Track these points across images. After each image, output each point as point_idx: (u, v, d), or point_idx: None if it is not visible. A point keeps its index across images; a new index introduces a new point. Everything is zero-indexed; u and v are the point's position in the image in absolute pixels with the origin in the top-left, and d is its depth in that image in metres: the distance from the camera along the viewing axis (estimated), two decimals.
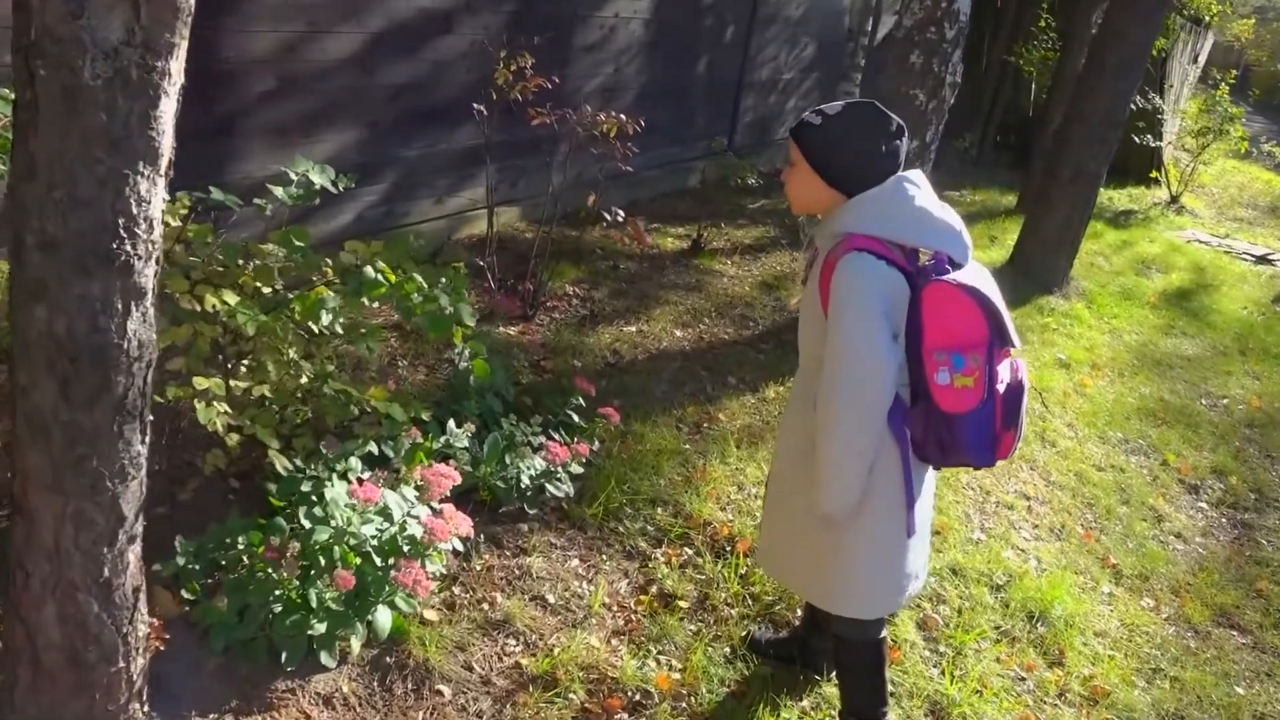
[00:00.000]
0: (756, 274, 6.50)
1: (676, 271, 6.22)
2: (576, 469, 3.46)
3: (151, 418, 2.07)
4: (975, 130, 12.58)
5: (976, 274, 2.21)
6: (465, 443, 3.32)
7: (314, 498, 2.84)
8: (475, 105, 4.90)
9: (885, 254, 2.16)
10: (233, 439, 2.69)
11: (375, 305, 3.03)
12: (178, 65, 1.82)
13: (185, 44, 1.83)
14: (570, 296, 5.16)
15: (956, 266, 2.19)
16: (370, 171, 5.30)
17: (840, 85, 9.15)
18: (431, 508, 2.79)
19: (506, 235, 6.08)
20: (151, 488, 3.26)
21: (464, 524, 2.81)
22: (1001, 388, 2.18)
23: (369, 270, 2.66)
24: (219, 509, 3.17)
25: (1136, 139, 11.66)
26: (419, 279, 2.70)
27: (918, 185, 2.26)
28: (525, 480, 3.38)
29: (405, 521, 2.75)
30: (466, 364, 3.44)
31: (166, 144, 1.85)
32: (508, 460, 3.43)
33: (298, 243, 2.97)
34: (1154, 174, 12.80)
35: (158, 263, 1.94)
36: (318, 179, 3.27)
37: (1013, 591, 3.57)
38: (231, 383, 2.72)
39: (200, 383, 2.60)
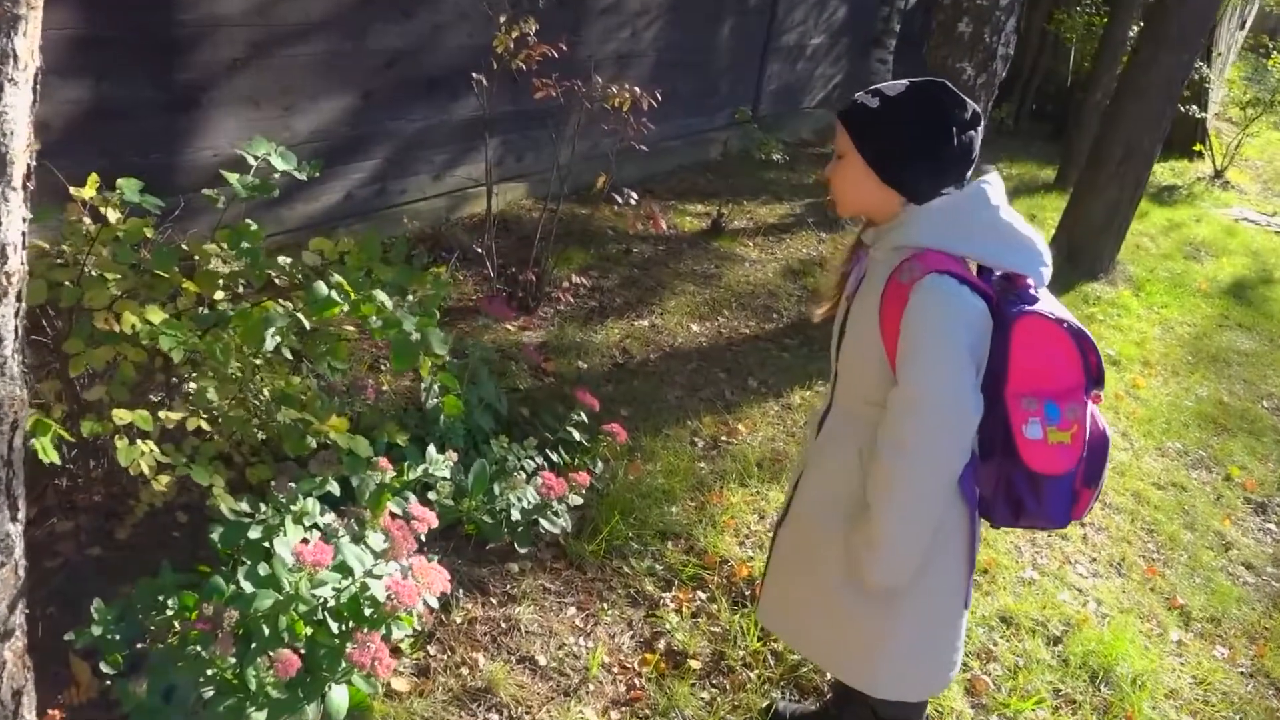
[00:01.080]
0: (780, 258, 6.01)
1: (694, 255, 5.74)
2: (576, 499, 3.02)
3: (63, 463, 1.63)
4: (1012, 99, 11.97)
5: (1050, 297, 1.82)
6: (447, 472, 2.88)
7: (264, 545, 2.42)
8: (474, 75, 4.42)
9: (967, 277, 1.74)
10: (162, 481, 2.26)
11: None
12: (28, 44, 1.36)
13: (38, 14, 1.38)
14: (577, 286, 4.71)
15: (1037, 290, 1.80)
16: (361, 146, 4.84)
17: (874, 53, 8.58)
18: (401, 566, 2.36)
19: (511, 215, 5.62)
20: (85, 525, 2.87)
21: (439, 580, 2.38)
22: (1089, 437, 1.76)
23: (319, 286, 2.21)
24: (160, 549, 2.76)
25: (1182, 108, 11.03)
26: (380, 298, 2.25)
27: (1000, 193, 1.82)
28: (516, 514, 2.95)
29: (366, 581, 2.32)
30: (436, 400, 2.97)
31: (19, 147, 1.40)
32: (496, 490, 3.00)
33: (246, 244, 2.53)
34: (1198, 147, 12.16)
35: (20, 299, 1.50)
36: (280, 165, 2.83)
37: (1071, 644, 3.13)
38: (164, 414, 2.29)
39: (121, 416, 2.18)
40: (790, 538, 2.14)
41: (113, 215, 2.69)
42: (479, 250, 4.48)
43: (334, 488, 2.51)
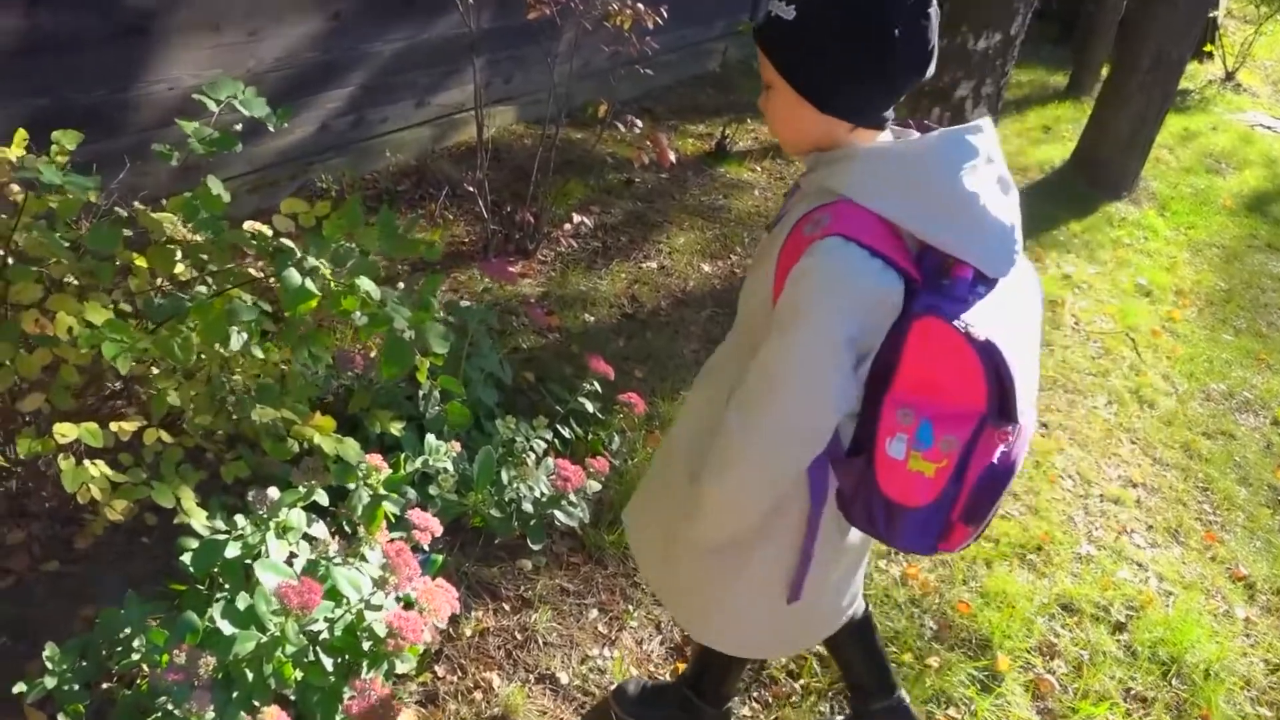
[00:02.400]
0: (790, 183, 5.59)
1: (700, 184, 5.33)
2: (595, 486, 2.69)
3: None
4: None
5: (1012, 289, 1.45)
6: (449, 463, 2.55)
7: (244, 563, 2.10)
8: None
9: (883, 248, 1.38)
10: (117, 507, 1.92)
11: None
12: None
13: None
14: (579, 225, 4.30)
15: (986, 282, 1.43)
16: (334, 71, 4.36)
17: None
18: (401, 596, 2.04)
19: (501, 142, 5.17)
20: (40, 534, 2.53)
21: (446, 603, 2.06)
22: (978, 472, 1.42)
23: (292, 274, 1.83)
24: (126, 560, 2.43)
25: None
26: (366, 286, 1.86)
27: (976, 151, 1.42)
28: (528, 506, 2.63)
29: (362, 611, 2.00)
30: (438, 408, 2.58)
31: None
32: (505, 478, 2.66)
33: (206, 212, 2.13)
34: (1208, 47, 11.62)
35: None
36: (250, 111, 2.41)
37: (1138, 631, 2.87)
38: (116, 425, 1.93)
39: (64, 432, 1.82)
40: (660, 455, 1.94)
41: (49, 176, 2.29)
42: (470, 189, 4.06)
43: (322, 497, 2.16)
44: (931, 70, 1.43)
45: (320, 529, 2.23)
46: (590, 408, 3.04)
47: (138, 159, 3.47)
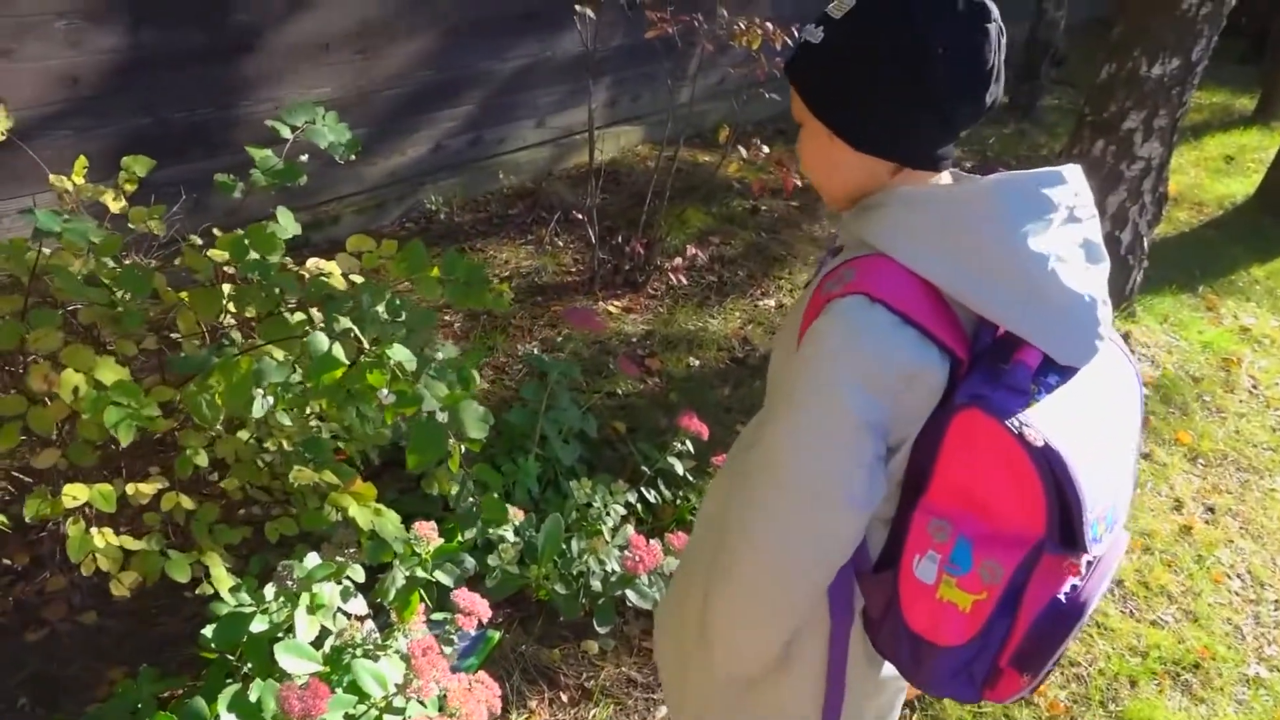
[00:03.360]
0: None
1: (831, 215, 4.96)
2: (674, 564, 2.41)
3: None
4: None
5: (1096, 380, 1.15)
6: (512, 533, 2.31)
7: (270, 640, 1.91)
8: (576, 6, 3.73)
9: (919, 316, 1.10)
10: (125, 580, 1.75)
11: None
12: None
13: None
14: (693, 258, 4.03)
15: (1058, 371, 1.12)
16: (449, 90, 4.23)
17: None
18: (437, 700, 1.81)
19: (623, 164, 4.95)
20: (83, 582, 2.40)
21: (483, 706, 1.82)
22: (1037, 609, 1.10)
23: (319, 340, 1.61)
24: (166, 614, 2.29)
25: None
26: (399, 354, 1.63)
27: (1048, 205, 1.11)
28: (596, 584, 2.37)
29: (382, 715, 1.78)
30: (472, 502, 2.30)
31: None
32: (574, 549, 2.41)
33: (256, 255, 1.96)
34: None
35: None
36: (325, 140, 2.24)
37: None
38: (134, 487, 1.77)
39: (75, 494, 1.66)
40: (687, 548, 1.58)
41: (115, 206, 2.17)
42: (581, 217, 3.84)
43: (358, 573, 1.96)
44: (995, 96, 1.15)
45: (358, 604, 2.03)
46: (680, 469, 2.75)
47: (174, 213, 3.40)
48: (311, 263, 2.35)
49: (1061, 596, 1.09)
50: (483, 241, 4.04)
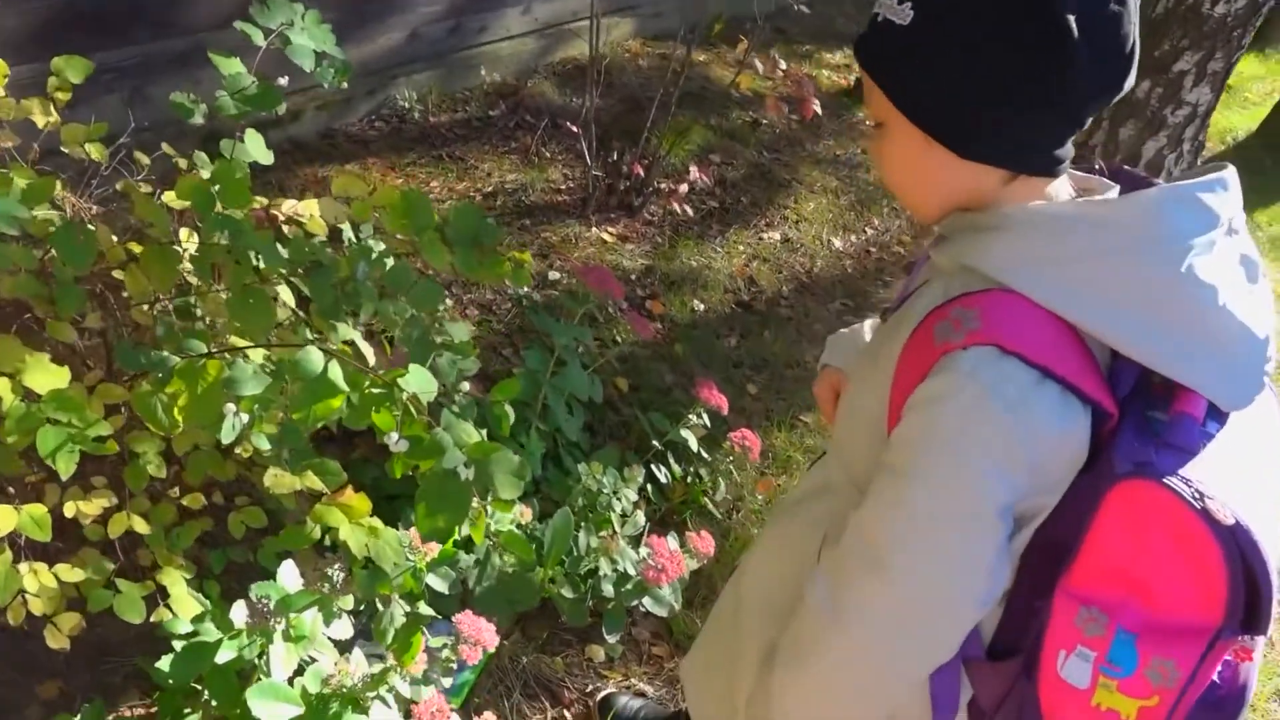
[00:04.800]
0: None
1: (835, 130, 4.59)
2: (693, 565, 2.14)
3: None
4: None
5: (1247, 416, 0.95)
6: (516, 516, 2.02)
7: (236, 672, 1.62)
8: None
9: (1060, 365, 0.91)
10: (64, 624, 1.42)
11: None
12: None
13: None
14: (694, 181, 3.65)
15: (1216, 416, 0.93)
16: None
17: None
18: None
19: (614, 63, 4.49)
20: None
21: None
22: (1190, 703, 0.91)
23: (312, 356, 1.24)
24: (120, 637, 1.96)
25: None
26: (414, 383, 1.26)
27: (1214, 220, 0.92)
28: (608, 588, 2.09)
29: None
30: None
31: None
32: (582, 544, 2.13)
33: (224, 209, 1.57)
34: None
35: None
36: (307, 59, 1.83)
37: None
38: (75, 505, 1.43)
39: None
40: (727, 605, 1.41)
41: (42, 121, 1.76)
42: (575, 128, 3.42)
43: (347, 602, 1.65)
44: (1131, 82, 0.95)
45: (344, 626, 1.73)
46: (694, 444, 2.46)
47: (190, 77, 2.92)
48: (287, 205, 1.96)
49: (1218, 679, 0.93)
50: (462, 148, 3.61)
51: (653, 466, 2.45)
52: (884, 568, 0.96)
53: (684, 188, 3.44)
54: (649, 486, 2.42)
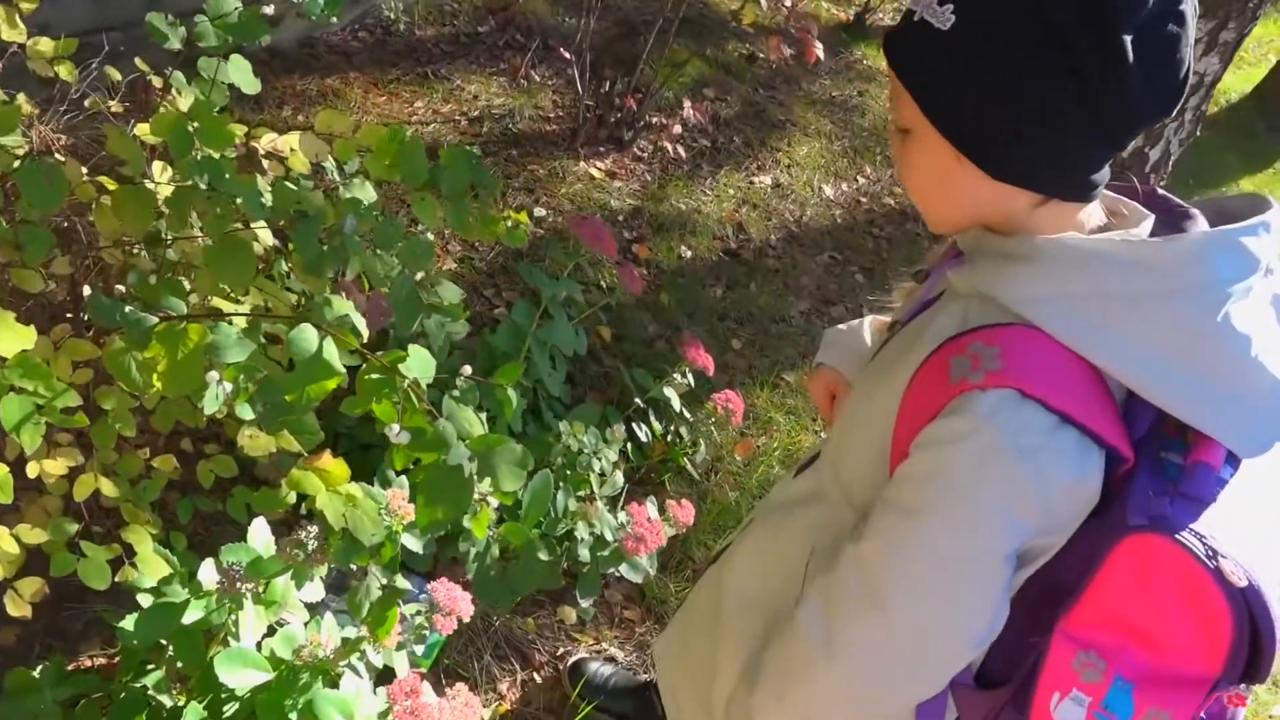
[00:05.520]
0: None
1: (832, 69, 4.45)
2: (671, 533, 2.11)
3: None
4: None
5: (1261, 472, 0.92)
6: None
7: (202, 632, 1.58)
8: None
9: (1079, 410, 0.87)
10: (25, 590, 1.36)
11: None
12: None
13: None
14: (686, 118, 3.53)
15: (1232, 463, 0.91)
16: None
17: None
18: None
19: None
20: None
21: None
22: None
23: (306, 335, 1.16)
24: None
25: None
26: (415, 367, 1.18)
27: (1254, 264, 0.88)
28: (584, 553, 2.06)
29: None
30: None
31: None
32: (559, 505, 2.09)
33: (207, 145, 1.47)
34: None
35: None
36: None
37: None
38: (38, 464, 1.34)
39: None
40: (704, 602, 1.37)
41: (9, 33, 1.63)
42: (567, 55, 3.27)
43: (321, 569, 1.60)
44: (1180, 102, 0.88)
45: (315, 588, 1.68)
46: (676, 403, 2.41)
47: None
48: (266, 139, 1.84)
49: (1204, 714, 0.92)
50: (448, 66, 3.45)
51: (633, 425, 2.40)
52: (884, 607, 0.93)
53: (677, 127, 3.32)
54: (628, 445, 2.37)
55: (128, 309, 1.29)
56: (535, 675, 2.00)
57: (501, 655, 2.00)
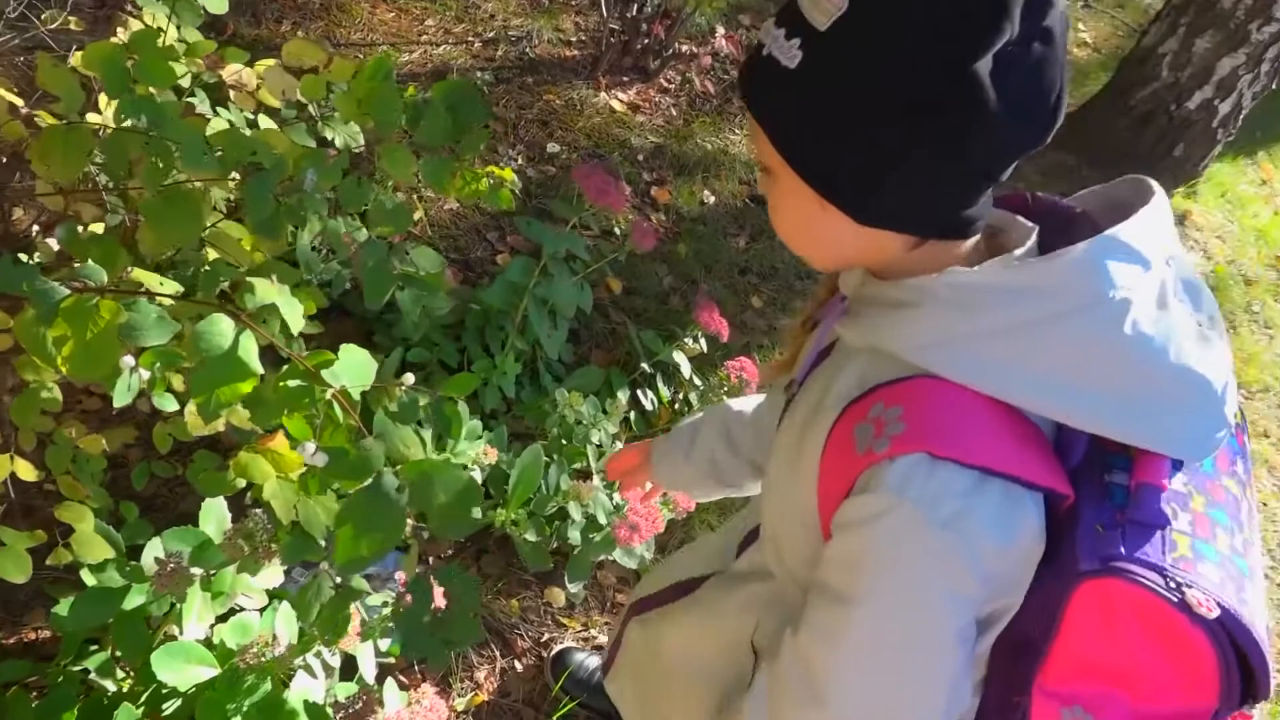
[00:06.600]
0: None
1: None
2: (668, 517, 1.95)
3: None
4: None
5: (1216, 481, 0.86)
6: (477, 456, 1.81)
7: (143, 617, 1.46)
8: None
9: (999, 458, 0.79)
10: None
11: None
12: None
13: None
14: (719, 48, 3.27)
15: (1179, 467, 0.85)
16: None
17: None
18: None
19: None
20: None
21: None
22: None
23: (217, 326, 0.96)
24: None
25: None
26: (349, 371, 0.99)
27: (1145, 261, 0.80)
28: (574, 536, 1.90)
29: None
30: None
31: None
32: (550, 482, 1.93)
33: (147, 82, 1.28)
34: None
35: None
36: None
37: None
38: None
39: None
40: (642, 649, 1.32)
41: None
42: None
43: (276, 573, 1.45)
44: (1056, 127, 0.80)
45: (274, 573, 1.55)
46: (687, 369, 2.23)
47: None
48: (230, 70, 1.64)
49: None
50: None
51: (639, 391, 2.22)
52: (825, 705, 0.85)
53: (707, 58, 3.07)
54: (631, 414, 2.20)
55: (40, 278, 1.12)
56: (516, 663, 1.87)
57: (481, 640, 1.87)
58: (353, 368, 1.03)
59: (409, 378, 1.04)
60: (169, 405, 1.20)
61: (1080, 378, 0.79)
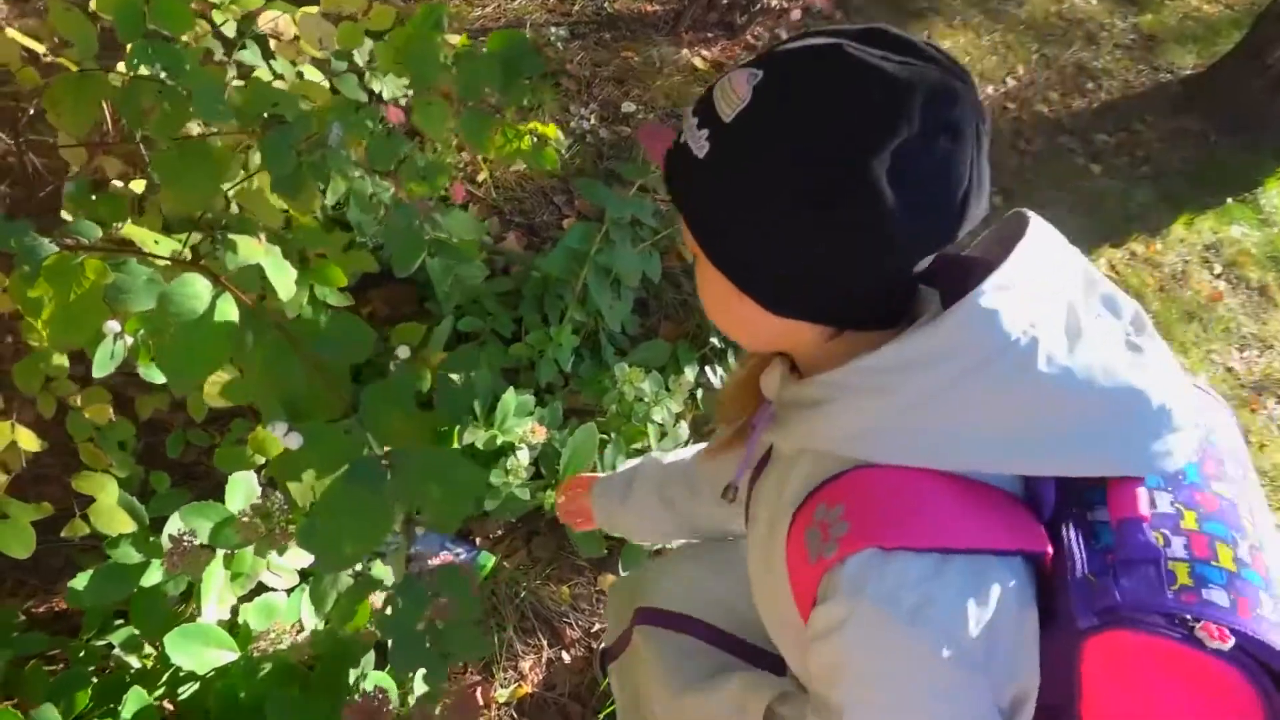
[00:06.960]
0: None
1: None
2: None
3: None
4: None
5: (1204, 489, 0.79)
6: (525, 451, 1.69)
7: (162, 593, 1.39)
8: None
9: (956, 535, 0.75)
10: None
11: None
12: None
13: None
14: (809, 2, 3.07)
15: (1163, 484, 0.80)
16: None
17: None
18: None
19: None
20: None
21: None
22: None
23: (194, 286, 0.86)
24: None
25: None
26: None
27: (1042, 289, 0.77)
28: None
29: None
30: (460, 386, 1.51)
31: None
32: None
33: (158, 16, 1.18)
34: None
35: None
36: None
37: None
38: None
39: None
40: (645, 651, 1.30)
41: None
42: None
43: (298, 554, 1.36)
44: (978, 217, 0.75)
45: (296, 556, 1.46)
46: None
47: None
48: (265, 19, 1.54)
49: None
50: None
51: (707, 367, 2.08)
52: None
53: (797, 12, 2.88)
54: (700, 390, 2.06)
55: (31, 235, 1.04)
56: (564, 654, 1.76)
57: (528, 628, 1.76)
58: (344, 335, 0.91)
59: (404, 350, 0.93)
60: (156, 376, 1.11)
61: (1011, 425, 0.76)
